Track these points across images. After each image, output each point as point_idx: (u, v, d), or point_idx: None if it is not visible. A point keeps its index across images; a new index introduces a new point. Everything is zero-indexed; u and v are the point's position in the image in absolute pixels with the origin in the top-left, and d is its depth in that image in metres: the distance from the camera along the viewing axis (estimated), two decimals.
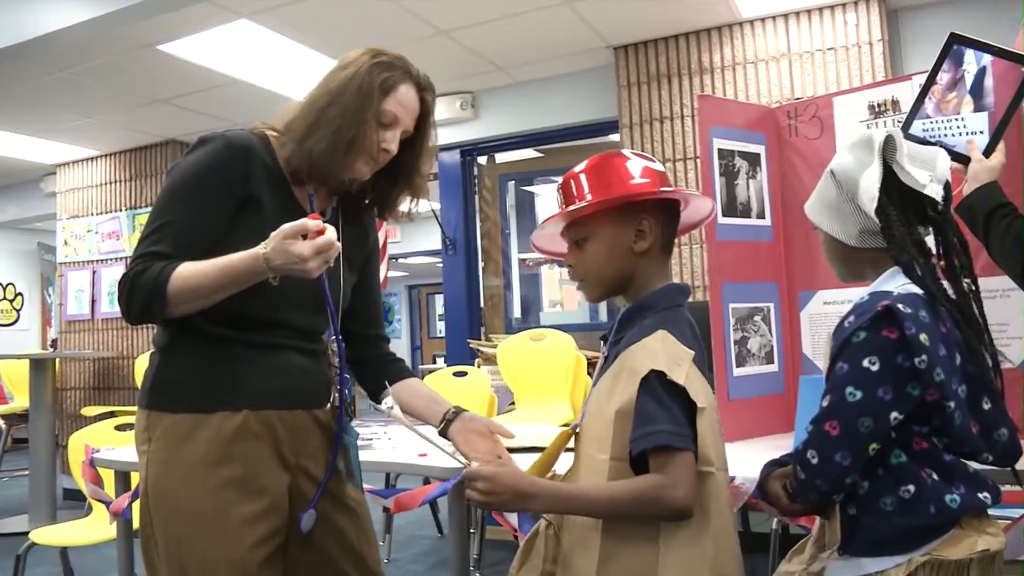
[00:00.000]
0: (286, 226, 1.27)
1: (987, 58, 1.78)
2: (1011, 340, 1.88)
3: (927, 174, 1.24)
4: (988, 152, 1.67)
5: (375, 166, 1.52)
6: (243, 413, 1.41)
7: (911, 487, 1.16)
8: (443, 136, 4.83)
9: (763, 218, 2.28)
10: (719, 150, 2.19)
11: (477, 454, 1.49)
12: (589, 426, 1.27)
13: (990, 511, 1.21)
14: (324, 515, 1.52)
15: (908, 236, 1.23)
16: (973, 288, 1.26)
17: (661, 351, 1.18)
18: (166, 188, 1.43)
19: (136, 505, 2.60)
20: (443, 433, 1.60)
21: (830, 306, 2.22)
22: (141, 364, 5.47)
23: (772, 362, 2.26)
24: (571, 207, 1.31)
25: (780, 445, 1.64)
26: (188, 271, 1.34)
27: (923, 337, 1.13)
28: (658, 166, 1.35)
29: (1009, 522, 1.74)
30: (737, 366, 2.18)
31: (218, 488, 1.38)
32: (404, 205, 1.64)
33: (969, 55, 1.80)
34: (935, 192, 1.24)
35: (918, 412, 1.16)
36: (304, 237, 1.27)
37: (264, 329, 1.45)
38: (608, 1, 3.58)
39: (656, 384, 1.15)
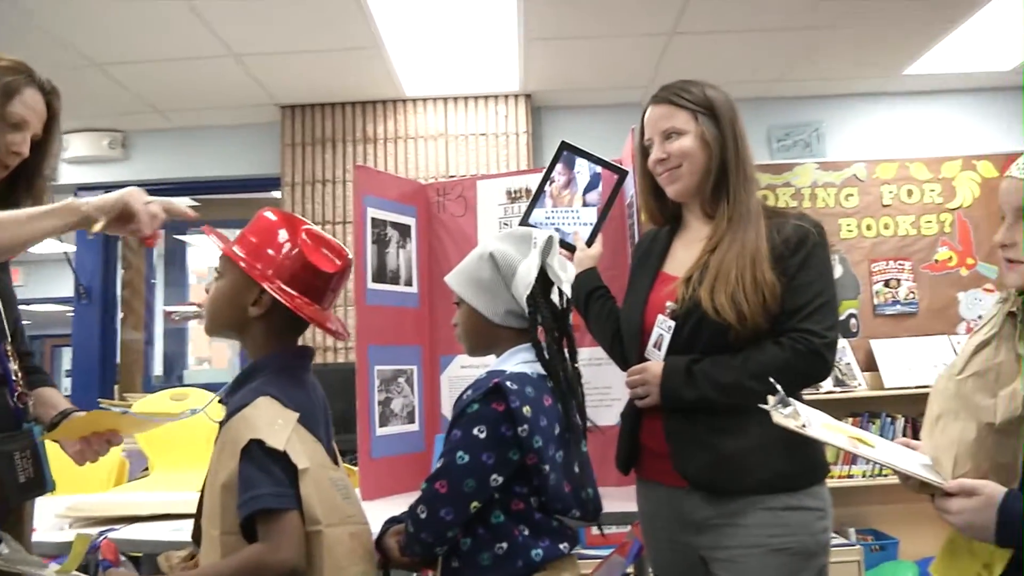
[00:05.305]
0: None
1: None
2: (613, 401, 2.19)
3: (564, 274, 1.46)
4: (590, 242, 1.96)
5: (4, 171, 1.51)
6: None
7: (504, 544, 1.32)
8: (87, 175, 4.48)
9: (411, 286, 2.42)
10: (373, 219, 2.30)
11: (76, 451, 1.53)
12: (205, 502, 1.27)
13: (586, 551, 1.41)
14: None
15: (549, 322, 1.43)
16: (578, 371, 1.49)
17: (261, 418, 1.21)
18: None
19: None
20: (50, 431, 1.53)
21: (467, 369, 2.40)
22: None
23: (413, 421, 2.38)
24: (216, 235, 1.35)
25: None
26: None
27: (526, 410, 1.30)
28: (331, 268, 1.36)
29: (599, 561, 2.03)
30: (380, 426, 2.26)
31: None
32: None
33: (580, 160, 2.12)
34: (568, 290, 1.47)
35: (520, 474, 1.34)
36: None
37: None
38: (276, 61, 3.61)
39: (257, 451, 1.18)
